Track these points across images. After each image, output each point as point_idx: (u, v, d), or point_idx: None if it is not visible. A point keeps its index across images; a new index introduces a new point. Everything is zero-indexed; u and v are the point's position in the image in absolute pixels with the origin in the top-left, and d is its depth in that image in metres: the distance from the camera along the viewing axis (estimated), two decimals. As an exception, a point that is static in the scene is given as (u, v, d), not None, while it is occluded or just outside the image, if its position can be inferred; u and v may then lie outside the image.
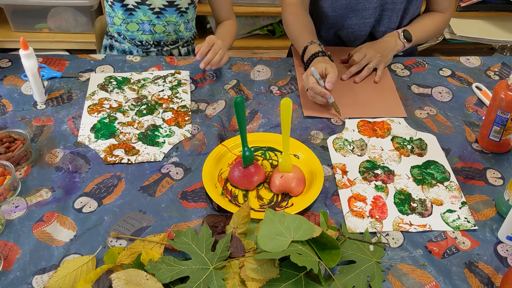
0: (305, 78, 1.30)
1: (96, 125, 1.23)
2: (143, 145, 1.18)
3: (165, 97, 1.32)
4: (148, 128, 1.23)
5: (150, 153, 1.16)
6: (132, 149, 1.17)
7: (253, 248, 0.92)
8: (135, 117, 1.26)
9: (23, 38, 1.22)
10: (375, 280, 0.91)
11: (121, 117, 1.26)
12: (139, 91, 1.34)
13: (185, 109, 1.29)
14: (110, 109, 1.28)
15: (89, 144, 1.18)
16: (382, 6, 1.46)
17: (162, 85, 1.36)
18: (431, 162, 1.17)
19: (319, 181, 1.08)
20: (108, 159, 1.14)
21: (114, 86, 1.35)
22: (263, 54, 1.42)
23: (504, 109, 1.11)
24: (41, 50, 2.29)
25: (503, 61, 1.52)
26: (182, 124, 1.24)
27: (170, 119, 1.26)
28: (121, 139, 1.19)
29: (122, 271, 0.85)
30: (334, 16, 1.49)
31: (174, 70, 1.41)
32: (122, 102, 1.30)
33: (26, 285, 0.91)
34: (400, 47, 1.46)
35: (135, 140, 1.19)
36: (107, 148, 1.17)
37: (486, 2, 2.55)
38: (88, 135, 1.20)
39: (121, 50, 1.57)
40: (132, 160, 1.14)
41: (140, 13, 1.48)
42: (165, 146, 1.18)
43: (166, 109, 1.28)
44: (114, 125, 1.23)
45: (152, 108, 1.28)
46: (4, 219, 1.01)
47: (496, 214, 1.06)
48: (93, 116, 1.26)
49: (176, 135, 1.21)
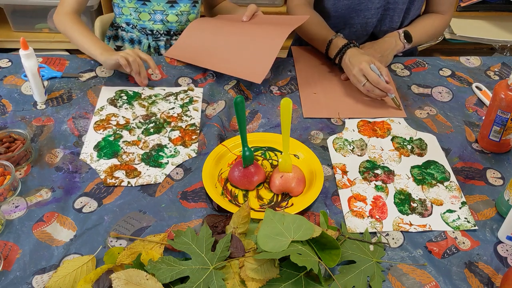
0: (358, 75, 1.30)
1: (100, 143, 1.19)
2: (146, 167, 1.13)
3: (175, 115, 1.27)
4: (152, 148, 1.18)
5: (151, 175, 1.11)
6: (134, 171, 1.12)
7: (253, 248, 0.92)
8: (141, 136, 1.21)
9: (23, 38, 1.22)
10: (375, 280, 0.91)
11: (126, 135, 1.21)
12: (148, 107, 1.30)
13: (194, 128, 1.24)
14: (116, 126, 1.24)
15: (91, 163, 1.14)
16: (385, 6, 1.46)
17: (173, 102, 1.31)
18: (431, 162, 1.17)
19: (319, 181, 1.08)
20: (108, 181, 1.10)
21: (124, 101, 1.31)
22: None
23: (504, 109, 1.11)
24: (41, 50, 2.29)
25: (503, 61, 1.52)
26: (188, 143, 1.19)
27: (177, 138, 1.21)
28: (124, 160, 1.15)
29: (122, 271, 0.85)
30: (337, 16, 1.49)
31: (188, 87, 1.36)
32: (130, 119, 1.26)
33: (26, 285, 0.91)
34: (400, 48, 1.46)
35: (138, 161, 1.15)
36: (108, 168, 1.12)
37: (486, 2, 2.55)
38: (91, 154, 1.16)
39: (128, 39, 1.57)
40: (132, 183, 1.09)
41: (154, 3, 1.48)
42: (167, 167, 1.14)
43: (174, 128, 1.24)
44: (119, 144, 1.19)
45: (159, 127, 1.24)
46: (4, 219, 1.01)
47: (496, 214, 1.06)
48: (98, 132, 1.22)
49: (180, 155, 1.17)
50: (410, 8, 1.48)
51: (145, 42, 1.55)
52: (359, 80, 1.31)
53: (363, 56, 1.31)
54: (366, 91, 1.31)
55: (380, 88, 1.28)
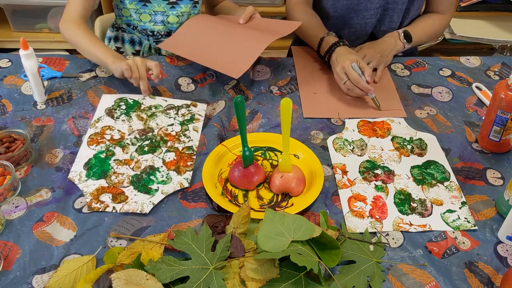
0: (341, 72, 1.31)
1: (91, 161, 1.13)
2: (134, 191, 1.07)
3: (173, 133, 1.21)
4: (144, 170, 1.11)
5: (138, 202, 1.04)
6: (121, 195, 1.06)
7: (253, 248, 0.92)
8: (134, 155, 1.15)
9: (23, 38, 1.22)
10: (375, 280, 0.91)
11: (119, 153, 1.15)
12: (147, 121, 1.23)
13: (190, 152, 1.16)
14: (110, 141, 1.18)
15: (79, 184, 1.08)
16: (384, 7, 1.46)
17: (173, 117, 1.25)
18: (431, 162, 1.17)
19: (319, 181, 1.08)
20: (93, 205, 1.04)
21: (122, 111, 1.26)
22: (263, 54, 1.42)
23: (504, 109, 1.11)
24: (41, 50, 2.29)
25: (503, 61, 1.52)
26: (182, 170, 1.11)
27: (171, 161, 1.14)
28: (112, 181, 1.08)
29: (122, 271, 0.85)
30: (336, 16, 1.50)
31: (191, 102, 1.30)
32: (125, 134, 1.20)
33: (26, 285, 0.91)
34: (400, 48, 1.46)
35: (126, 184, 1.08)
36: (95, 191, 1.06)
37: (486, 2, 2.55)
38: (80, 173, 1.10)
39: (129, 40, 1.57)
40: (118, 208, 1.03)
41: (154, 4, 1.48)
42: (157, 195, 1.06)
43: (170, 149, 1.17)
44: (109, 163, 1.13)
45: (155, 145, 1.17)
46: (4, 219, 1.01)
47: (496, 214, 1.06)
48: (91, 148, 1.16)
49: (172, 182, 1.09)
50: (409, 8, 1.48)
51: (146, 43, 1.55)
52: (340, 78, 1.31)
53: (349, 55, 1.32)
54: (347, 89, 1.32)
55: (360, 87, 1.28)
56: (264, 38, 1.34)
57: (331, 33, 1.42)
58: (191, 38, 1.42)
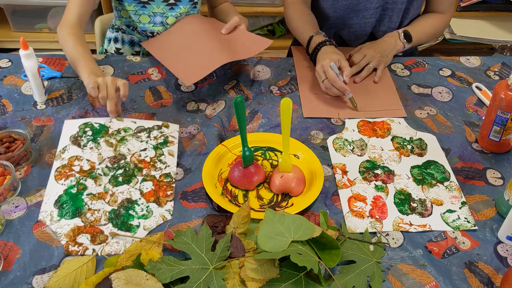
0: (320, 71, 1.31)
1: (62, 198, 1.03)
2: (114, 229, 0.99)
3: (147, 159, 1.12)
4: (121, 204, 1.03)
5: (120, 242, 0.96)
6: (100, 234, 0.97)
7: (253, 248, 0.92)
8: (108, 187, 1.06)
9: (23, 38, 1.22)
10: (375, 280, 0.91)
11: (91, 186, 1.06)
12: (117, 146, 1.14)
13: (169, 179, 1.09)
14: (80, 174, 1.08)
15: (51, 224, 0.99)
16: (383, 6, 1.46)
17: (145, 141, 1.16)
18: (431, 162, 1.17)
19: (319, 181, 1.08)
20: (70, 248, 0.95)
21: (88, 138, 1.15)
22: (263, 54, 1.42)
23: (504, 109, 1.11)
24: (41, 50, 2.29)
25: (503, 61, 1.52)
26: (162, 201, 1.04)
27: (150, 192, 1.06)
28: (88, 220, 1.00)
29: (122, 271, 0.85)
30: (335, 16, 1.50)
31: (162, 123, 1.21)
32: (95, 163, 1.10)
33: (26, 285, 0.91)
34: (400, 48, 1.46)
35: (104, 221, 1.00)
36: (70, 231, 0.98)
37: (486, 2, 2.55)
38: (51, 212, 1.01)
39: (128, 41, 1.57)
40: (98, 250, 0.95)
41: (153, 5, 1.48)
42: (139, 232, 0.99)
43: (146, 178, 1.08)
44: (82, 198, 1.03)
45: (130, 175, 1.08)
46: (4, 219, 1.01)
47: (496, 214, 1.06)
48: (60, 183, 1.06)
49: (153, 216, 1.01)
50: (409, 8, 1.48)
51: (140, 50, 1.55)
52: (320, 76, 1.32)
53: (332, 54, 1.33)
54: (325, 88, 1.32)
55: (337, 87, 1.29)
56: (229, 54, 1.32)
57: (320, 32, 1.43)
58: (168, 40, 1.44)
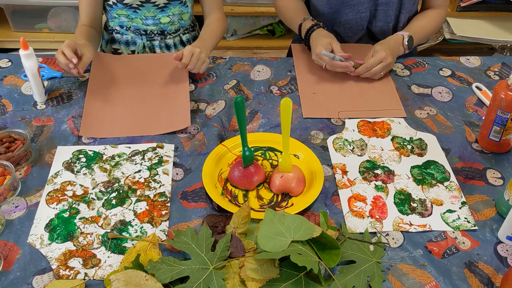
0: (316, 59, 1.38)
1: (53, 221, 1.01)
2: (106, 253, 0.95)
3: (141, 180, 1.10)
4: (115, 226, 1.00)
5: (114, 265, 0.94)
6: (92, 258, 0.94)
7: (253, 248, 0.92)
8: (102, 210, 1.03)
9: (23, 38, 1.22)
10: (375, 280, 0.91)
11: (84, 210, 1.03)
12: (111, 171, 1.11)
13: (163, 199, 1.06)
14: (73, 198, 1.05)
15: (40, 248, 0.96)
16: (376, 0, 1.47)
17: (139, 163, 1.13)
18: (431, 162, 1.17)
19: (319, 181, 1.08)
20: (61, 272, 0.92)
21: (82, 164, 1.13)
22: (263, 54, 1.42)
23: (504, 109, 1.11)
24: (41, 50, 2.29)
25: (503, 61, 1.52)
26: (157, 222, 1.01)
27: (144, 212, 1.03)
28: (80, 243, 0.97)
29: (121, 272, 0.85)
30: (331, 12, 1.51)
31: (156, 144, 1.19)
32: (88, 188, 1.08)
33: (26, 285, 0.91)
34: (401, 52, 1.46)
35: (97, 245, 0.97)
36: (61, 255, 0.95)
37: (486, 2, 2.55)
38: (41, 235, 0.98)
39: (124, 41, 1.57)
40: (91, 274, 0.92)
41: (144, 10, 1.48)
42: None
43: (140, 198, 1.06)
44: (75, 222, 1.01)
45: (123, 197, 1.06)
46: (4, 219, 1.01)
47: (496, 214, 1.06)
48: (51, 207, 1.04)
49: (148, 237, 0.98)
50: (403, 2, 1.48)
51: (140, 43, 1.55)
52: (319, 63, 1.39)
53: (322, 38, 1.38)
54: (330, 68, 1.38)
55: (338, 68, 1.37)
56: (145, 129, 1.23)
57: (309, 17, 1.47)
58: (104, 111, 1.28)
